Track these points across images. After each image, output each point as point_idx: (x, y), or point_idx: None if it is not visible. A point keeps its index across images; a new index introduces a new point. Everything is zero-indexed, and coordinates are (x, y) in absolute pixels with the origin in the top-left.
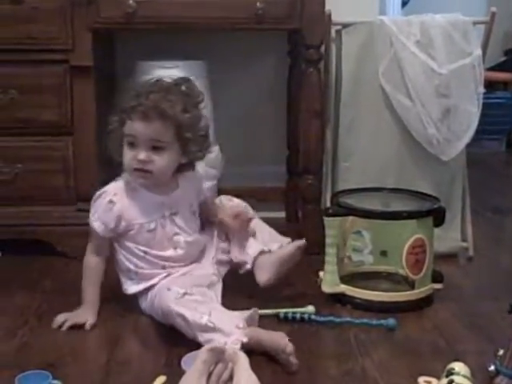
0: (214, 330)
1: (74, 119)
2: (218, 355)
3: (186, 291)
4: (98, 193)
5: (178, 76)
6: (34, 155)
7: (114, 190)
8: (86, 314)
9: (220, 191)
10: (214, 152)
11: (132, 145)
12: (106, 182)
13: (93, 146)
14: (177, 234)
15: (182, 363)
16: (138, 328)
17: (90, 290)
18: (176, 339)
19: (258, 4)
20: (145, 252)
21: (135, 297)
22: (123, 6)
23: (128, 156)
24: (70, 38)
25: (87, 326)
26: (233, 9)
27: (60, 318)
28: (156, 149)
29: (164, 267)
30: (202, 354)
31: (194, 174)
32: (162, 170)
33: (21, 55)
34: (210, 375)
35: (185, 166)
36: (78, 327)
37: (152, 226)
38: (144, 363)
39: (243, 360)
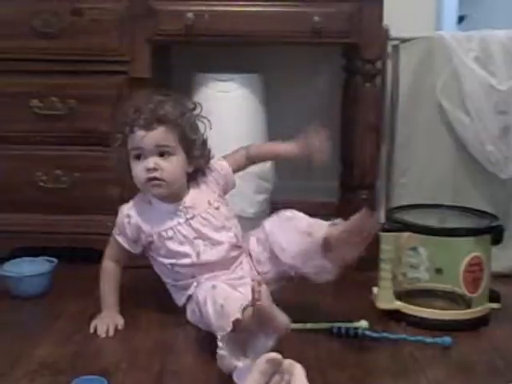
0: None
1: None
2: (275, 366)
3: (216, 285)
4: (118, 210)
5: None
6: (90, 165)
7: (130, 205)
8: (114, 317)
9: (272, 205)
10: (267, 165)
11: (139, 157)
12: None
13: None
14: (196, 238)
15: (235, 376)
16: (190, 338)
17: (112, 297)
18: None
19: (315, 18)
20: (172, 264)
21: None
22: (182, 19)
23: (137, 169)
24: (129, 50)
25: (120, 327)
26: (290, 22)
27: (103, 326)
28: (163, 155)
29: (193, 276)
30: (259, 365)
31: (207, 173)
32: (173, 176)
33: (80, 66)
34: None
35: (194, 174)
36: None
37: (170, 233)
38: (196, 374)
39: (299, 371)
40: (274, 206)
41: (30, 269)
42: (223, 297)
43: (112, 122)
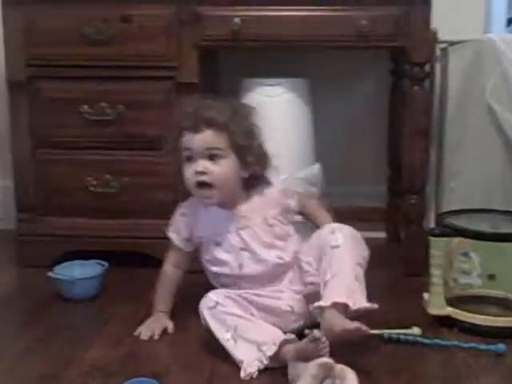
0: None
1: None
2: (327, 371)
3: (218, 301)
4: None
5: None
6: (139, 169)
7: (188, 204)
8: (161, 321)
9: None
10: (315, 170)
11: (189, 159)
12: None
13: None
14: (243, 249)
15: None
16: None
17: (164, 301)
18: None
19: (362, 22)
20: (216, 273)
21: None
22: (229, 24)
23: (187, 172)
24: (177, 56)
25: (170, 330)
26: (337, 26)
27: (147, 331)
28: (213, 158)
29: (235, 284)
30: (311, 369)
31: (272, 188)
32: (222, 180)
33: (129, 72)
34: None
35: (254, 182)
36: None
37: (218, 239)
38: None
39: (352, 376)
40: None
41: (81, 272)
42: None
43: (160, 126)
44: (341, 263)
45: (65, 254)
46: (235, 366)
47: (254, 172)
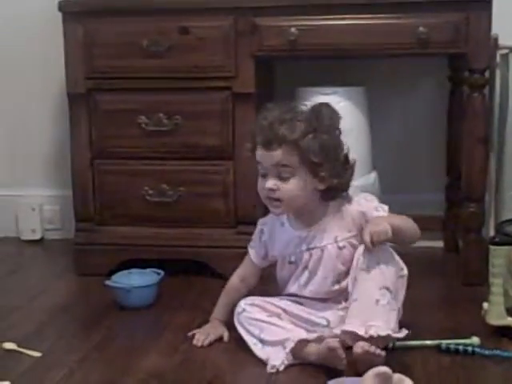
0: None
1: (235, 144)
2: (385, 381)
3: (245, 308)
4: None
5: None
6: (196, 179)
7: (266, 221)
8: (218, 329)
9: None
10: (371, 179)
11: (262, 173)
12: (265, 207)
13: (253, 171)
14: (306, 268)
15: None
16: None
17: (222, 310)
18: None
19: (420, 29)
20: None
21: None
22: (285, 34)
23: (259, 184)
24: (234, 66)
25: (225, 338)
26: (395, 34)
27: (200, 336)
28: (283, 177)
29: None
30: (368, 379)
31: (351, 207)
32: (291, 197)
33: (186, 83)
34: None
35: (332, 194)
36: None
37: (292, 258)
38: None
39: None
40: None
41: (138, 280)
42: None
43: (216, 136)
44: (364, 287)
45: (122, 262)
46: (290, 375)
47: (331, 184)
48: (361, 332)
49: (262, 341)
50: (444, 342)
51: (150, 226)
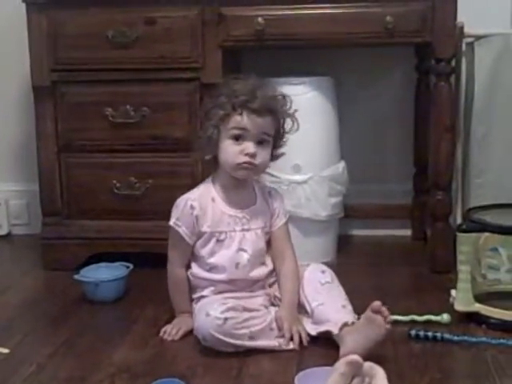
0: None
1: None
2: (356, 369)
3: (227, 317)
4: (180, 198)
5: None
6: (164, 171)
7: (195, 197)
8: (188, 322)
9: (345, 208)
10: (340, 168)
11: (237, 139)
12: None
13: None
14: (242, 249)
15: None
16: None
17: (182, 301)
18: (305, 353)
19: (387, 18)
20: (208, 266)
21: None
22: (252, 24)
23: (232, 150)
24: (201, 57)
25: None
26: (361, 23)
27: (172, 330)
28: (261, 143)
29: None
30: (340, 367)
31: (274, 192)
32: (264, 163)
33: (153, 74)
34: None
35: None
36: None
37: (222, 237)
38: (274, 377)
39: (381, 375)
40: (348, 209)
41: (106, 274)
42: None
43: (184, 128)
44: (331, 294)
45: (90, 256)
46: (262, 366)
47: (273, 157)
48: (335, 330)
49: (251, 337)
50: (416, 317)
51: (118, 219)
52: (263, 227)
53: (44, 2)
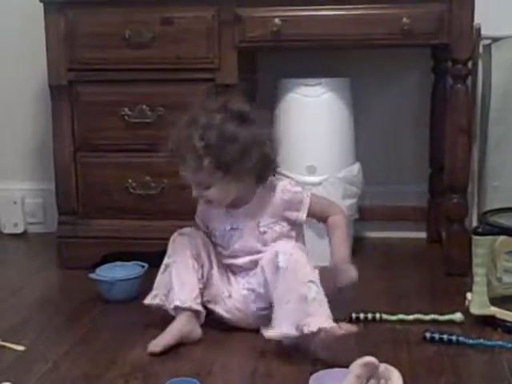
0: None
1: None
2: (372, 370)
3: None
4: None
5: None
6: (178, 171)
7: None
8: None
9: (360, 210)
10: (355, 170)
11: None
12: None
13: None
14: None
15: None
16: (280, 343)
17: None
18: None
19: (404, 19)
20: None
21: None
22: (269, 25)
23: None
24: (217, 57)
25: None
26: (378, 25)
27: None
28: (208, 187)
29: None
30: (355, 369)
31: (271, 193)
32: (219, 198)
33: (169, 74)
34: None
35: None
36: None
37: (217, 233)
38: (288, 377)
39: (396, 376)
40: (363, 210)
41: (121, 273)
42: None
43: None
44: (288, 285)
45: (105, 255)
46: (276, 365)
47: (258, 175)
48: (292, 332)
49: None
50: (426, 317)
51: (133, 219)
52: (255, 227)
53: (61, 1)
